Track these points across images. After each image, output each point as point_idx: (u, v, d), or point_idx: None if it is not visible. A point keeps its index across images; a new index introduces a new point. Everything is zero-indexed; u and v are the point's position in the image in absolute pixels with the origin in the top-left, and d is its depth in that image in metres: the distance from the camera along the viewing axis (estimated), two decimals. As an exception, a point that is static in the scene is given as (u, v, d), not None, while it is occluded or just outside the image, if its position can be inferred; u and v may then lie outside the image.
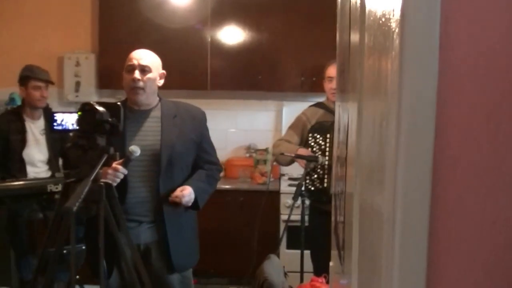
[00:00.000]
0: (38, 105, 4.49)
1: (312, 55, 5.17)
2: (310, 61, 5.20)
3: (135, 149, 2.81)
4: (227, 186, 5.22)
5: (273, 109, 5.69)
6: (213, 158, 3.31)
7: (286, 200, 5.03)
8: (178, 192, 3.02)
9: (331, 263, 1.96)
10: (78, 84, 5.49)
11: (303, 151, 3.96)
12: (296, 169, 4.97)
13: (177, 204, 3.03)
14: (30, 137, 4.49)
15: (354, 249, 1.10)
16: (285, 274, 3.45)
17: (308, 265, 4.09)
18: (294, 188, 4.95)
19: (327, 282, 3.01)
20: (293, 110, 5.08)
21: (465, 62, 0.83)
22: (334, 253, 1.76)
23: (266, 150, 5.37)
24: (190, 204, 3.06)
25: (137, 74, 2.99)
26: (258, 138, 5.60)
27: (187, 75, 5.24)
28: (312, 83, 5.20)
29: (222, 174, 5.55)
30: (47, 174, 4.54)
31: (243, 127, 5.74)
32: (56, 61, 5.60)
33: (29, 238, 4.42)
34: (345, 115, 1.32)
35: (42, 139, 4.55)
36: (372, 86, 1.04)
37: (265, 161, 5.29)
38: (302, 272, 4.05)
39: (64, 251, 2.97)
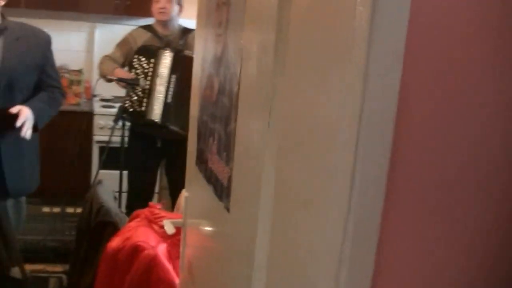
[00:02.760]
0: None
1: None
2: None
3: None
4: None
5: (86, 31, 5.59)
6: (55, 83, 3.25)
7: (99, 122, 5.08)
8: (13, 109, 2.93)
9: (185, 193, 1.98)
10: None
11: (120, 72, 4.02)
12: (108, 90, 5.02)
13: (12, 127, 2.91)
14: None
15: (265, 189, 1.11)
16: (115, 198, 3.55)
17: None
18: (107, 110, 5.07)
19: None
20: (107, 31, 5.09)
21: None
22: (197, 185, 1.75)
23: (80, 71, 5.31)
24: (30, 126, 2.96)
25: None
26: (70, 58, 5.49)
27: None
28: (126, 6, 5.18)
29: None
30: None
31: (55, 48, 5.57)
32: None
33: None
34: (219, 47, 1.46)
35: None
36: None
37: (79, 82, 5.23)
38: (120, 192, 4.18)
39: None
